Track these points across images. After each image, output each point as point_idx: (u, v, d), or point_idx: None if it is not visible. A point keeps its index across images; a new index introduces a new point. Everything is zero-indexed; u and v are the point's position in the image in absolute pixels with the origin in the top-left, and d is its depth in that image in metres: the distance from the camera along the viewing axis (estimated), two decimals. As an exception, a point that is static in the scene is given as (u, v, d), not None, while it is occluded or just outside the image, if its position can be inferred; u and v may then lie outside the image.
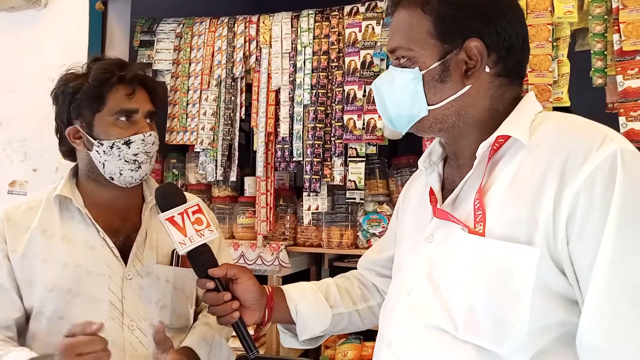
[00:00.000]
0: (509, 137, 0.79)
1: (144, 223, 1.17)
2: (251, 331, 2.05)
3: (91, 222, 1.13)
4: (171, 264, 1.18)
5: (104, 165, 1.12)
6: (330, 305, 1.08)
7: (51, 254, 1.09)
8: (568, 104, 1.61)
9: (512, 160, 0.78)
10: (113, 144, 1.10)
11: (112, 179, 1.13)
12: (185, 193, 1.12)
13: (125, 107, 1.10)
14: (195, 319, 1.24)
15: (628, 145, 0.71)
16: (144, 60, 2.28)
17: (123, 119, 1.11)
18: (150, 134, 1.13)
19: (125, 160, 1.10)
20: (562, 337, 0.72)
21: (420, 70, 0.83)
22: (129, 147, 1.10)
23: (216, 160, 2.16)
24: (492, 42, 0.81)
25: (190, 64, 2.24)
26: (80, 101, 1.11)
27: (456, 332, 0.76)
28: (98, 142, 1.11)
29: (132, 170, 1.12)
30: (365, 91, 1.93)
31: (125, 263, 1.12)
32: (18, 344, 1.08)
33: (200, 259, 0.99)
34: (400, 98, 0.86)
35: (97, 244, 1.12)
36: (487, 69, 0.82)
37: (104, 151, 1.11)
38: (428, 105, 0.84)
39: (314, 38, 2.05)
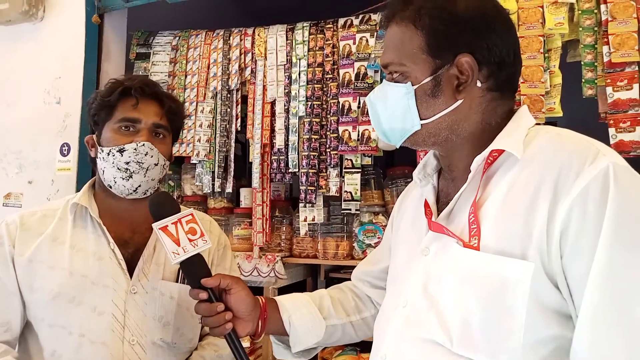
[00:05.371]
0: (503, 151, 0.80)
1: (152, 237, 1.16)
2: (246, 343, 2.04)
3: (102, 232, 1.13)
4: (177, 281, 1.16)
5: (103, 172, 1.14)
6: (323, 316, 1.08)
7: (58, 262, 1.09)
8: (560, 114, 1.62)
9: (506, 174, 0.78)
10: (110, 150, 1.11)
11: (111, 187, 1.14)
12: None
13: (127, 116, 1.12)
14: (201, 339, 1.23)
15: (620, 160, 0.71)
16: (140, 73, 2.29)
17: (125, 127, 1.12)
18: (144, 144, 1.10)
19: (118, 168, 1.11)
20: (556, 351, 0.71)
21: (413, 85, 0.83)
22: (122, 155, 1.10)
23: (212, 172, 2.17)
24: (483, 57, 0.81)
25: (186, 76, 2.25)
26: (95, 110, 1.16)
27: (451, 345, 0.75)
28: (100, 149, 1.13)
29: (123, 179, 1.11)
30: (359, 103, 1.94)
31: (132, 276, 1.11)
32: (17, 347, 1.08)
33: (193, 269, 0.98)
34: (393, 112, 0.87)
35: (106, 255, 1.11)
36: (479, 84, 0.82)
37: (102, 158, 1.12)
38: (421, 119, 0.84)
39: (308, 50, 2.06)
